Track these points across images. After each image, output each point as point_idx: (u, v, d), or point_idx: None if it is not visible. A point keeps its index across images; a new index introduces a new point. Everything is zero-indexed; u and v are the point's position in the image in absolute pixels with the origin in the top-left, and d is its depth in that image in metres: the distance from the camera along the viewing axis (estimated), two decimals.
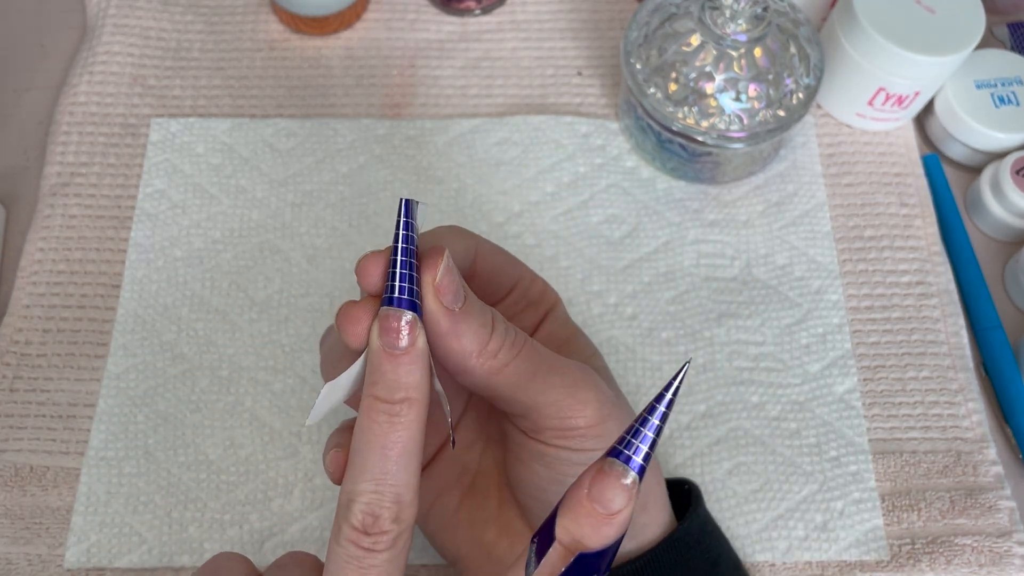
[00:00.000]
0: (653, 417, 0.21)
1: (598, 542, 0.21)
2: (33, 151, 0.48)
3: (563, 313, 0.34)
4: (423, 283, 0.25)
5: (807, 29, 0.44)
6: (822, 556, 0.38)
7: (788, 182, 0.47)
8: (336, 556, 0.24)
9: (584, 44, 0.51)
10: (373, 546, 0.24)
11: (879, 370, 0.43)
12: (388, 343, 0.24)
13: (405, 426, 0.24)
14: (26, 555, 0.38)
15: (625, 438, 0.21)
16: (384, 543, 0.24)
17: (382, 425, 0.24)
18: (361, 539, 0.24)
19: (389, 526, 0.24)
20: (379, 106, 0.49)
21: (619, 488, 0.21)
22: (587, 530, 0.21)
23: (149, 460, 0.40)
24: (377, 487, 0.24)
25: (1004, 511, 0.39)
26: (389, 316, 0.24)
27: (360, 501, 0.24)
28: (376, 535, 0.24)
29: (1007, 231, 0.46)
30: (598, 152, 0.48)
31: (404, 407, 0.24)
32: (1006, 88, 0.47)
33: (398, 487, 0.24)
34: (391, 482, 0.24)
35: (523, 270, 0.33)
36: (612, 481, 0.21)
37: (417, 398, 0.25)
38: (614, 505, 0.21)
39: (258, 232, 0.45)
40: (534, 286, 0.33)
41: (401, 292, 0.24)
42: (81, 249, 0.44)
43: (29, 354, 0.42)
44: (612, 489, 0.21)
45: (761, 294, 0.44)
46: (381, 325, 0.24)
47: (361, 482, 0.24)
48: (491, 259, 0.31)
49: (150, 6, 0.51)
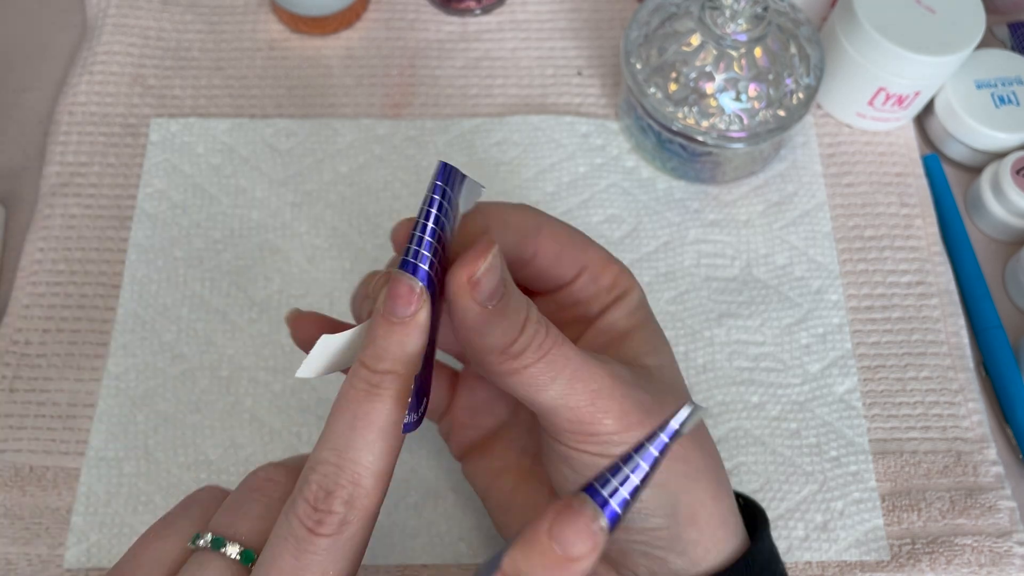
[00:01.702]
0: (640, 458, 0.18)
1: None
2: (33, 151, 0.48)
3: (633, 302, 0.31)
4: (457, 277, 0.23)
5: (807, 29, 0.44)
6: (822, 556, 0.38)
7: (788, 182, 0.47)
8: (277, 530, 0.22)
9: (584, 44, 0.51)
10: (315, 526, 0.22)
11: (879, 370, 0.43)
12: (389, 308, 0.23)
13: (382, 399, 0.22)
14: (26, 555, 0.38)
15: (605, 476, 0.19)
16: (329, 526, 0.22)
17: (358, 392, 0.23)
18: (307, 515, 0.22)
19: (339, 507, 0.22)
20: (379, 106, 0.49)
21: (585, 532, 0.19)
22: (537, 570, 0.19)
23: (149, 460, 0.40)
24: (338, 459, 0.22)
25: (1004, 511, 0.39)
26: (399, 281, 0.23)
27: (318, 471, 0.22)
28: (322, 513, 0.22)
29: (1007, 231, 0.46)
30: (598, 152, 0.48)
31: (388, 379, 0.23)
32: (1006, 88, 0.47)
33: (358, 465, 0.22)
34: (352, 457, 0.22)
35: (595, 254, 0.30)
36: (579, 522, 0.19)
37: (401, 372, 0.23)
38: (575, 550, 0.19)
39: (258, 232, 0.45)
40: (606, 272, 0.30)
41: (418, 259, 0.22)
42: (81, 249, 0.44)
43: (29, 354, 0.42)
44: (577, 531, 0.19)
45: (761, 294, 0.44)
46: (389, 289, 0.23)
47: (323, 450, 0.22)
48: (557, 242, 0.29)
49: (150, 6, 0.51)
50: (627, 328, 0.30)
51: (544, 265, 0.29)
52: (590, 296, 0.30)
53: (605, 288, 0.30)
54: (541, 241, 0.29)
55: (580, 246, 0.30)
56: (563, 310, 0.31)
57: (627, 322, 0.30)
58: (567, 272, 0.30)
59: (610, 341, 0.30)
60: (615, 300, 0.30)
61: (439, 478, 0.40)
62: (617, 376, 0.26)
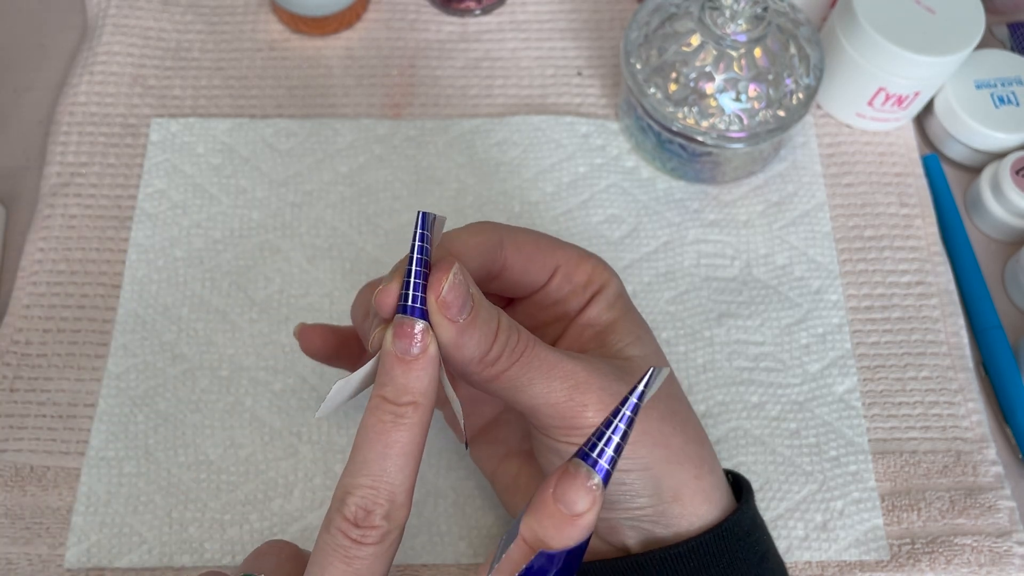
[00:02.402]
0: (619, 421, 0.21)
1: (560, 542, 0.22)
2: (33, 151, 0.48)
3: (611, 295, 0.32)
4: (428, 300, 0.25)
5: (807, 29, 0.44)
6: (822, 556, 0.38)
7: (788, 182, 0.47)
8: (324, 544, 0.25)
9: (584, 44, 0.51)
10: (361, 538, 0.25)
11: (879, 370, 0.43)
12: (401, 348, 0.25)
13: (408, 427, 0.25)
14: (26, 555, 0.38)
15: (592, 441, 0.22)
16: (373, 537, 0.25)
17: (386, 424, 0.25)
18: (351, 530, 0.25)
19: (380, 522, 0.25)
20: (379, 106, 0.49)
21: (583, 490, 0.21)
22: (550, 530, 0.22)
23: (149, 460, 0.40)
24: (374, 483, 0.25)
25: (1004, 511, 0.39)
26: (403, 323, 0.25)
27: (356, 495, 0.25)
28: (366, 528, 0.25)
29: (1007, 231, 0.46)
30: (598, 152, 0.48)
31: (410, 410, 0.25)
32: (1006, 88, 0.47)
33: (393, 486, 0.25)
34: (387, 480, 0.25)
35: (566, 254, 0.32)
36: (577, 483, 0.21)
37: (423, 403, 0.25)
38: (578, 507, 0.21)
39: (258, 232, 0.45)
40: (580, 269, 0.32)
41: (414, 301, 0.25)
42: (81, 249, 0.44)
43: (29, 354, 0.42)
44: (576, 491, 0.21)
45: (761, 294, 0.44)
46: (395, 331, 0.25)
47: (359, 476, 0.25)
48: (521, 251, 0.31)
49: (150, 6, 0.51)
50: (608, 321, 0.32)
51: (515, 274, 0.31)
52: (567, 294, 0.32)
53: (581, 285, 0.32)
54: (506, 254, 0.30)
55: (547, 249, 0.32)
56: (543, 311, 0.32)
57: (607, 315, 0.32)
58: (539, 276, 0.32)
59: (593, 336, 0.31)
60: (593, 296, 0.32)
61: (439, 478, 0.40)
62: (594, 370, 0.28)
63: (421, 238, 0.26)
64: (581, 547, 0.22)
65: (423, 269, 0.26)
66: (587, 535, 0.22)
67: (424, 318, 0.25)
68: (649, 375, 0.21)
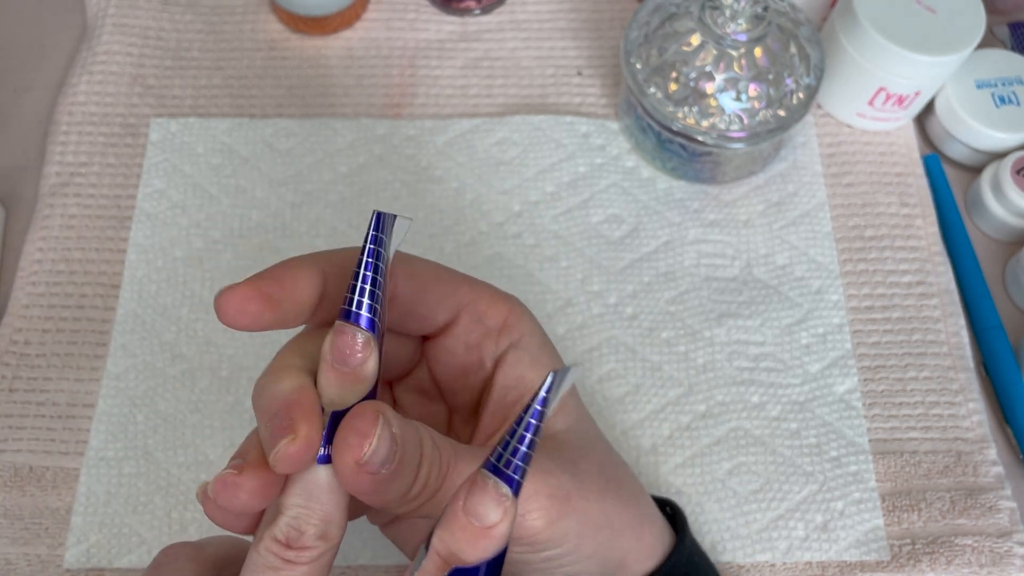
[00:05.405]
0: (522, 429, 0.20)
1: (475, 556, 0.21)
2: (32, 151, 0.48)
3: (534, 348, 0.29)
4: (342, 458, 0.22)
5: (807, 29, 0.44)
6: (822, 556, 0.38)
7: (788, 182, 0.47)
8: (254, 564, 0.23)
9: (584, 44, 0.51)
10: (295, 558, 0.23)
11: (879, 370, 0.43)
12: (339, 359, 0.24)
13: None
14: (25, 555, 0.38)
15: (498, 451, 0.21)
16: (306, 557, 0.23)
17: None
18: (283, 551, 0.23)
19: (313, 543, 0.23)
20: (379, 106, 0.49)
21: (493, 503, 0.21)
22: (463, 544, 0.21)
23: (149, 460, 0.40)
24: (306, 503, 0.23)
25: (1004, 511, 0.39)
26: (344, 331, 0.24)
27: (287, 515, 0.23)
28: (299, 550, 0.23)
29: (1007, 231, 0.46)
30: (598, 152, 0.48)
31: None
32: (1007, 88, 0.47)
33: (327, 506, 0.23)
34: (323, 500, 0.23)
35: (473, 291, 0.29)
36: (487, 496, 0.21)
37: None
38: (489, 519, 0.21)
39: (258, 232, 0.45)
40: (493, 310, 0.29)
41: (357, 317, 0.23)
42: (80, 249, 0.44)
43: (28, 354, 0.42)
44: (486, 504, 0.21)
45: (761, 294, 0.44)
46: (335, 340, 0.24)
47: (291, 496, 0.23)
48: (414, 280, 0.28)
49: (150, 6, 0.51)
50: (533, 382, 0.28)
51: (407, 306, 0.28)
52: (479, 339, 0.29)
53: (494, 330, 0.29)
54: (395, 280, 0.27)
55: (449, 283, 0.28)
56: (455, 356, 0.29)
57: (531, 374, 0.28)
58: (437, 312, 0.28)
59: (515, 402, 0.28)
60: (510, 347, 0.29)
61: None
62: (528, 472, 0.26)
63: (374, 240, 0.23)
64: (499, 559, 0.21)
65: (369, 285, 0.23)
66: (502, 546, 0.21)
67: (372, 330, 0.23)
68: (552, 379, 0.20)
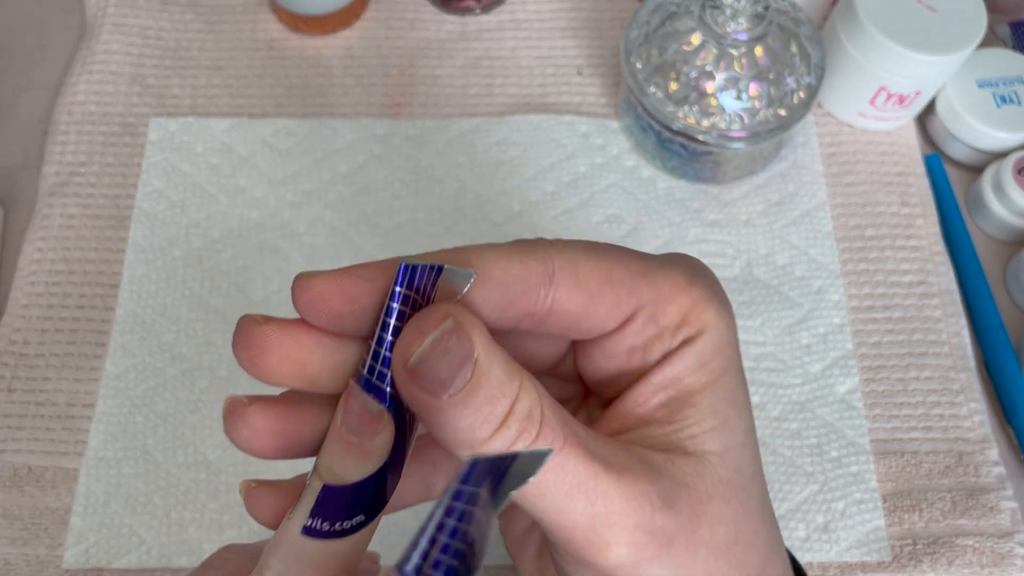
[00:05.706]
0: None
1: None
2: (31, 151, 0.48)
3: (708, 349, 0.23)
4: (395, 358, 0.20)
5: (808, 28, 0.44)
6: (823, 557, 0.38)
7: (789, 182, 0.47)
8: None
9: (584, 43, 0.51)
10: None
11: (880, 370, 0.43)
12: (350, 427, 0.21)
13: None
14: (25, 556, 0.38)
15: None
16: None
17: None
18: None
19: None
20: (379, 105, 0.49)
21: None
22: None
23: (148, 460, 0.40)
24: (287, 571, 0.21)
25: (1006, 512, 0.39)
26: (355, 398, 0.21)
27: None
28: None
29: (1009, 231, 0.46)
30: (598, 151, 0.48)
31: None
32: (1008, 87, 0.47)
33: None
34: None
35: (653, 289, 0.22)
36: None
37: None
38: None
39: (257, 232, 0.45)
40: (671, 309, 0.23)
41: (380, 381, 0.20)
42: (80, 249, 0.44)
43: (27, 354, 0.42)
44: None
45: (762, 294, 0.44)
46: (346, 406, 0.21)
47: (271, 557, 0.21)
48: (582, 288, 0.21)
49: (149, 5, 0.51)
50: (691, 389, 0.23)
51: (569, 317, 0.22)
52: (649, 339, 0.23)
53: (670, 328, 0.23)
54: (557, 291, 0.21)
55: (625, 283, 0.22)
56: (613, 360, 0.23)
57: (692, 379, 0.23)
58: (608, 319, 0.22)
59: (662, 406, 0.23)
60: (683, 344, 0.23)
61: None
62: (634, 496, 0.20)
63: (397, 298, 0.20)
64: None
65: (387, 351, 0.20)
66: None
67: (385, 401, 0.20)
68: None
